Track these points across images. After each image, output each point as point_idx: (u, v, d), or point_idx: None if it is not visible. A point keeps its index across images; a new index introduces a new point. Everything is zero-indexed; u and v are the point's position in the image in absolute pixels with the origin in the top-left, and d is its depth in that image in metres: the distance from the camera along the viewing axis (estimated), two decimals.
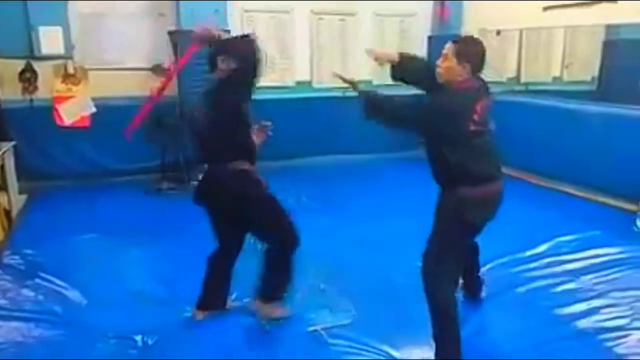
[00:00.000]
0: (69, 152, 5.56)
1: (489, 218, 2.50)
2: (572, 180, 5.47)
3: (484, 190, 2.41)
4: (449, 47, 2.41)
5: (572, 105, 5.68)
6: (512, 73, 7.52)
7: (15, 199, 4.65)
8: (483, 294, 3.11)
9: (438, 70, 2.44)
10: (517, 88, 7.37)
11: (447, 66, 2.40)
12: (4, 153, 4.46)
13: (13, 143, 4.76)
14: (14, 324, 2.85)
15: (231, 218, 2.76)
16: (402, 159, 6.49)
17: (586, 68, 7.86)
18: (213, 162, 2.75)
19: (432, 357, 2.49)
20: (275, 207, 2.75)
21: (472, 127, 2.32)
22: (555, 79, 7.79)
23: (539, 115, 5.93)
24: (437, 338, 2.48)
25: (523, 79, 7.56)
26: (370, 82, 6.81)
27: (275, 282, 2.81)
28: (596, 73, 7.77)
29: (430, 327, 2.50)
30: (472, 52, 2.40)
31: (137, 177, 5.73)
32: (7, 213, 4.38)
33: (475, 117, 2.33)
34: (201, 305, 2.91)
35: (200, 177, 2.88)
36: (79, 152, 5.60)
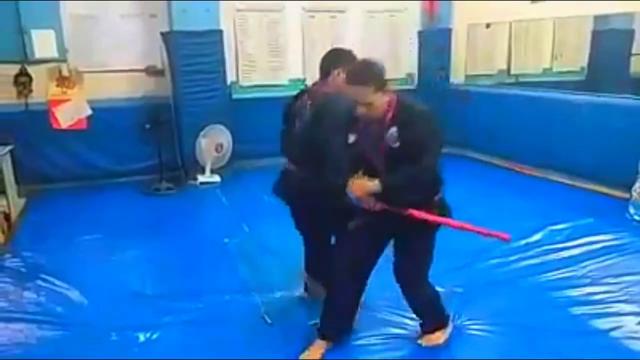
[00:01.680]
0: (66, 155, 5.57)
1: None
2: (563, 169, 5.55)
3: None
4: (359, 92, 2.16)
5: (561, 95, 5.76)
6: (502, 65, 7.58)
7: (14, 203, 4.66)
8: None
9: (364, 113, 2.20)
10: (507, 80, 7.44)
11: (369, 103, 2.17)
12: (1, 157, 4.47)
13: (10, 147, 4.76)
14: (17, 325, 2.87)
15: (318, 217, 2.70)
16: None
17: (575, 58, 7.93)
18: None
19: None
20: None
21: None
22: (545, 70, 7.85)
23: (529, 106, 5.99)
24: (432, 321, 2.63)
25: (513, 71, 7.62)
26: None
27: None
28: (585, 63, 7.85)
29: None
30: (371, 73, 2.18)
31: (135, 178, 5.75)
32: (7, 216, 4.40)
33: None
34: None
35: (284, 174, 2.77)
36: (76, 154, 5.61)
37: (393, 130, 2.17)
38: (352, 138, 2.28)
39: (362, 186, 2.23)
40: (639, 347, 2.61)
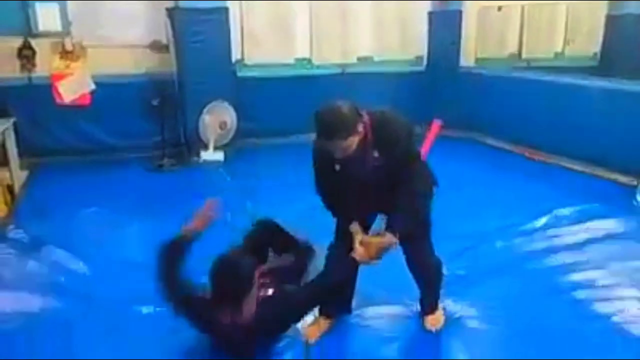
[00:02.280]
0: (69, 129, 5.57)
1: None
2: (573, 155, 5.48)
3: None
4: (334, 145, 2.08)
5: (573, 80, 5.67)
6: (513, 49, 7.46)
7: (17, 175, 4.67)
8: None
9: (345, 153, 2.13)
10: (519, 64, 7.33)
11: (350, 146, 2.10)
12: (4, 130, 4.46)
13: (13, 120, 4.76)
14: (21, 295, 2.88)
15: None
16: None
17: (589, 43, 7.80)
18: None
19: None
20: None
21: None
22: (557, 54, 7.73)
23: (539, 90, 5.90)
24: (434, 295, 2.63)
25: (524, 55, 7.50)
26: (371, 57, 6.80)
27: None
28: (599, 48, 7.72)
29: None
30: (342, 124, 2.07)
31: (138, 154, 5.74)
32: (10, 188, 4.41)
33: None
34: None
35: None
36: (79, 128, 5.61)
37: (374, 152, 2.19)
38: (337, 167, 2.25)
39: (378, 246, 2.27)
40: None
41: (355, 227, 2.36)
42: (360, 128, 2.10)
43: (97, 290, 2.96)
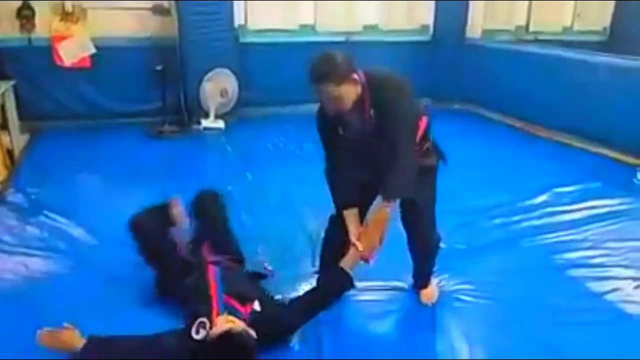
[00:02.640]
0: (69, 93, 5.50)
1: None
2: (576, 132, 5.44)
3: None
4: (326, 89, 2.02)
5: (580, 55, 5.56)
6: (521, 22, 7.32)
7: (18, 139, 4.65)
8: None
9: (335, 109, 2.08)
10: (526, 37, 7.20)
11: (337, 97, 2.03)
12: (4, 92, 4.42)
13: (13, 82, 4.71)
14: (20, 258, 2.91)
15: None
16: None
17: (598, 18, 7.64)
18: None
19: None
20: None
21: None
22: (565, 29, 7.58)
23: (545, 65, 5.80)
24: (429, 270, 2.65)
25: (532, 29, 7.36)
26: (376, 26, 6.67)
27: None
28: (608, 23, 7.56)
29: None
30: (331, 67, 2.02)
31: (138, 120, 5.70)
32: (10, 152, 4.39)
33: None
34: None
35: None
36: (80, 92, 5.54)
37: (372, 112, 2.10)
38: (340, 130, 2.18)
39: (376, 225, 2.20)
40: (633, 311, 2.61)
41: (351, 215, 2.28)
42: (355, 77, 2.04)
43: (96, 255, 2.98)
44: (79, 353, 2.02)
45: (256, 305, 2.20)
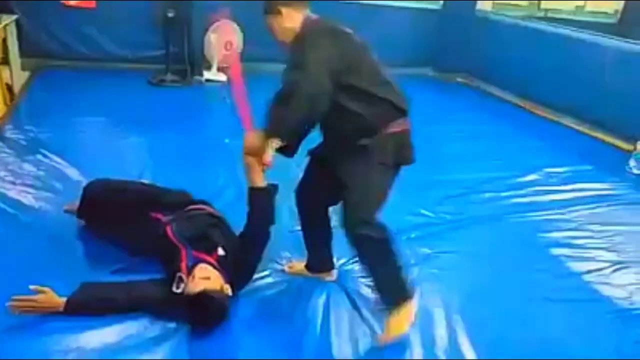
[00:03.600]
0: (72, 33, 5.40)
1: None
2: (576, 114, 5.46)
3: None
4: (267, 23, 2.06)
5: (588, 36, 5.51)
6: None
7: (18, 75, 4.62)
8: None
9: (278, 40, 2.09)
10: (537, 14, 7.11)
11: (272, 27, 2.06)
12: (6, 26, 4.36)
13: (16, 17, 4.63)
14: (16, 194, 2.93)
15: None
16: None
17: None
18: None
19: None
20: None
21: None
22: (577, 7, 7.48)
23: (553, 44, 5.76)
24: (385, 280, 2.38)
25: (543, 5, 7.25)
26: None
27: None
28: (620, 6, 7.46)
29: None
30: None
31: (140, 66, 5.64)
32: (9, 87, 4.37)
33: None
34: None
35: None
36: (83, 33, 5.44)
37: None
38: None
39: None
40: (609, 293, 2.69)
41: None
42: (281, 12, 2.00)
43: None
44: (71, 302, 2.02)
45: (220, 251, 2.28)
